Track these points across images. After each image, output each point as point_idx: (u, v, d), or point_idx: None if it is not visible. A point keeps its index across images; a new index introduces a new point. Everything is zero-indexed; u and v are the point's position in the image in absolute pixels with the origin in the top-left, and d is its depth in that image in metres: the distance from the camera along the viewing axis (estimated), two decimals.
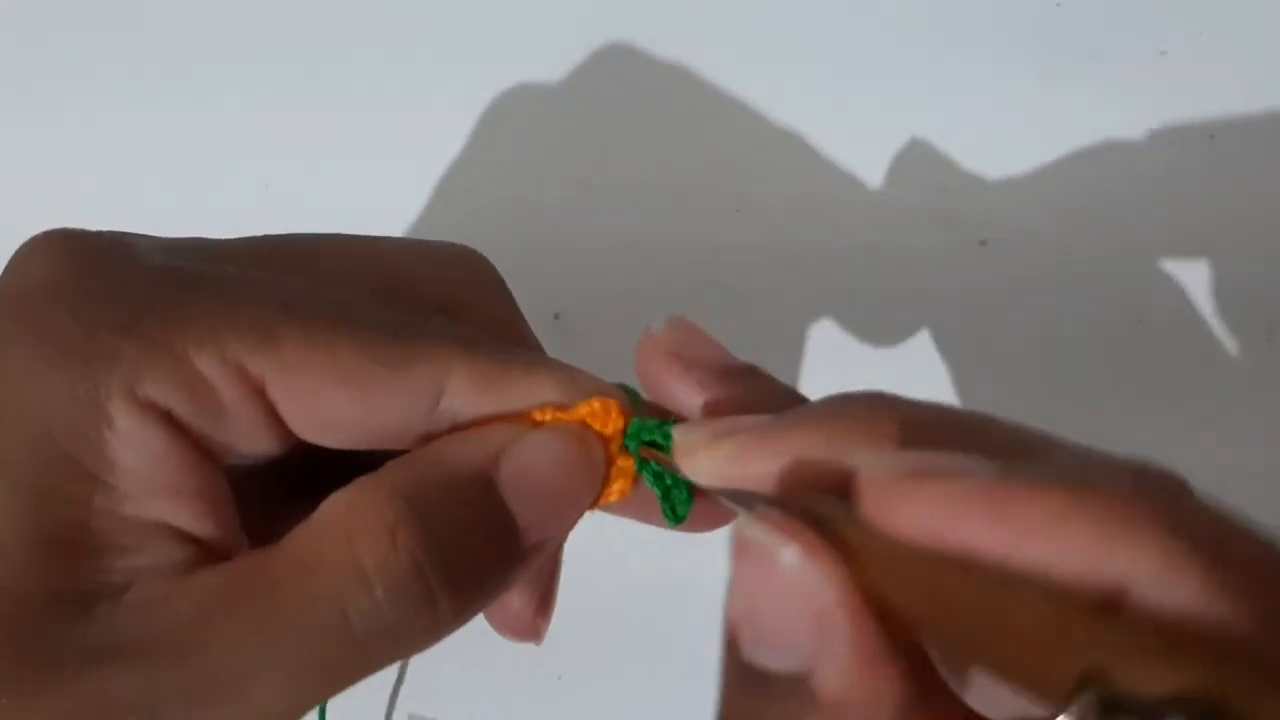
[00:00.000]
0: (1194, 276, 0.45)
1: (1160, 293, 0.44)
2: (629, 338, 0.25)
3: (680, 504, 0.24)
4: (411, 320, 0.23)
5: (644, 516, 0.25)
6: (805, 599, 0.18)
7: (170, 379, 0.21)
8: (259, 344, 0.21)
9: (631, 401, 0.25)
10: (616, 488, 0.25)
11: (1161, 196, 0.46)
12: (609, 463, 0.24)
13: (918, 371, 0.44)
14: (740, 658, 0.19)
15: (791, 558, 0.18)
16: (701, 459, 0.22)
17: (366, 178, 0.46)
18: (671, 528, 0.25)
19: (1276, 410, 0.43)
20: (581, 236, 0.46)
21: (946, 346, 0.44)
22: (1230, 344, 0.44)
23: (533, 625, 0.28)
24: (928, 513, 0.18)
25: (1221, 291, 0.44)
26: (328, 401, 0.22)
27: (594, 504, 0.25)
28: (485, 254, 0.28)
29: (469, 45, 0.48)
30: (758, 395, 0.24)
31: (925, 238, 0.45)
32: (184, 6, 0.49)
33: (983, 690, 0.17)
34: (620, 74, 0.48)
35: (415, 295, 0.25)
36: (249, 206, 0.44)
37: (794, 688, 0.18)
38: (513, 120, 0.47)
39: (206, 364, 0.21)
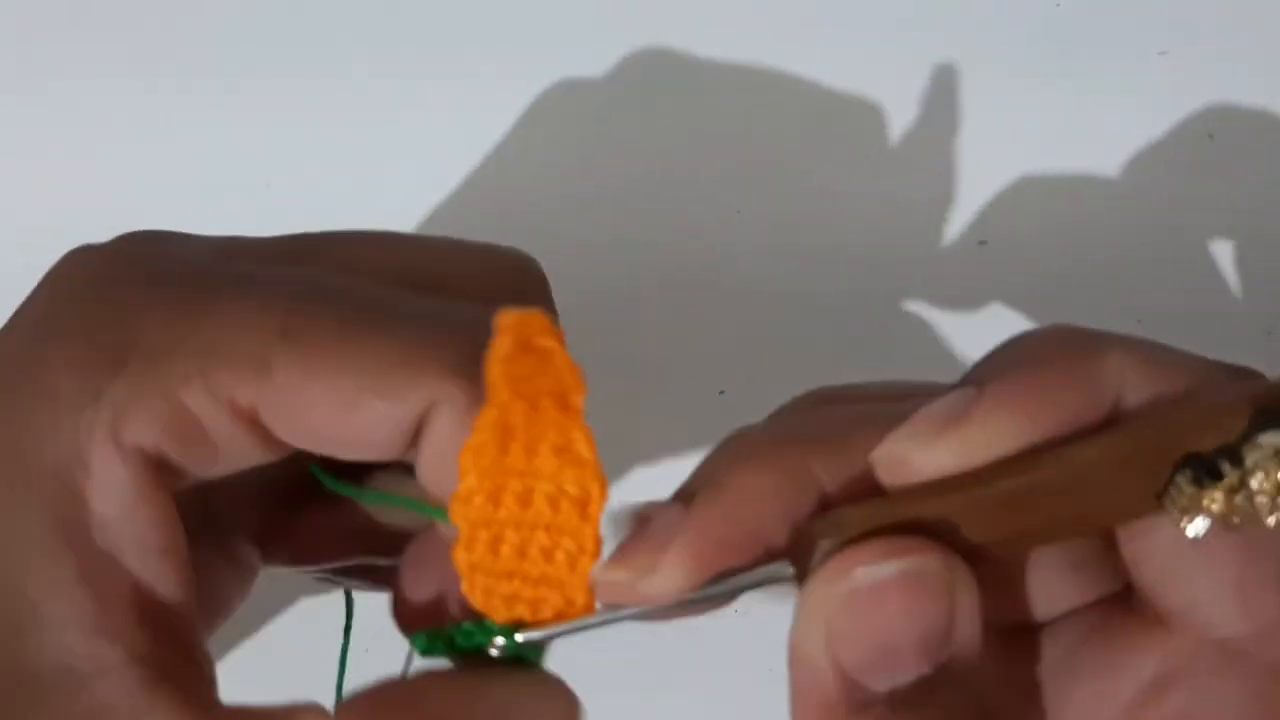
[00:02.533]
0: (1193, 276, 0.45)
1: (1160, 293, 0.44)
2: (629, 338, 0.25)
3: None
4: (428, 326, 0.22)
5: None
6: (936, 599, 0.19)
7: (158, 419, 0.20)
8: (252, 375, 0.20)
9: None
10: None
11: (1161, 196, 0.46)
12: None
13: (917, 372, 0.44)
14: (855, 695, 0.19)
15: (919, 566, 0.19)
16: (648, 589, 0.21)
17: (367, 178, 0.46)
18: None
19: None
20: (581, 236, 0.46)
21: (946, 346, 0.44)
22: (1229, 344, 0.44)
23: None
24: (962, 443, 0.19)
25: (1221, 291, 0.44)
26: (320, 423, 0.21)
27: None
28: None
29: (469, 46, 0.48)
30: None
31: (925, 238, 0.45)
32: (184, 6, 0.49)
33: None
34: (620, 74, 0.48)
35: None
36: (249, 206, 0.44)
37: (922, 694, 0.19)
38: (513, 120, 0.47)
39: (194, 399, 0.20)
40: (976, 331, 0.44)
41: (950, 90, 0.47)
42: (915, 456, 0.20)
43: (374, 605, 0.27)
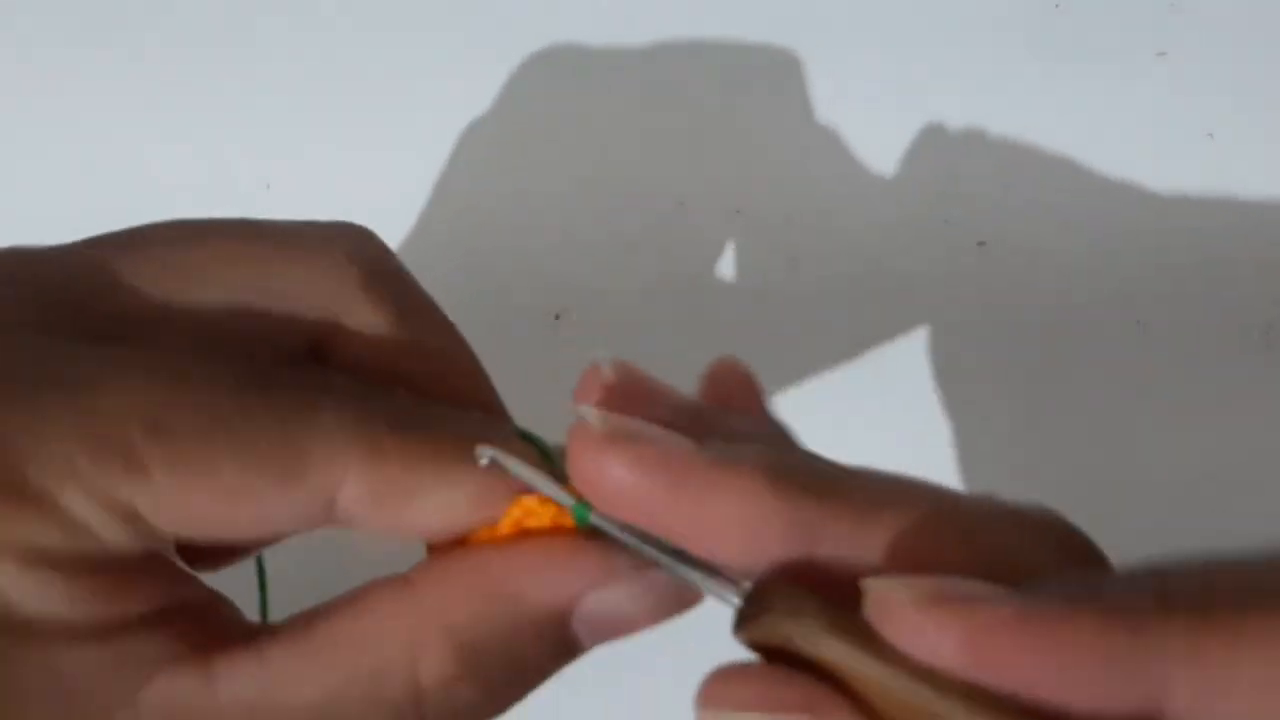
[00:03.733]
0: (1192, 276, 0.45)
1: (1159, 292, 0.44)
2: (629, 338, 0.25)
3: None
4: (310, 398, 0.20)
5: None
6: None
7: (40, 525, 0.18)
8: (125, 474, 0.18)
9: (541, 454, 0.21)
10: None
11: (1160, 196, 0.46)
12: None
13: (917, 372, 0.44)
14: None
15: None
16: (604, 457, 0.19)
17: (366, 178, 0.46)
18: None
19: (1274, 410, 0.43)
20: (581, 236, 0.46)
21: (946, 346, 0.44)
22: (1228, 344, 0.44)
23: None
24: (962, 640, 0.16)
25: (1220, 291, 0.44)
26: (212, 520, 0.19)
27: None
28: (486, 254, 0.27)
29: (469, 45, 0.48)
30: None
31: (925, 238, 0.45)
32: (184, 6, 0.49)
33: None
34: (620, 74, 0.48)
35: (286, 312, 0.23)
36: (249, 207, 0.44)
37: None
38: (513, 120, 0.47)
39: (71, 503, 0.18)
40: (976, 331, 0.44)
41: (950, 90, 0.47)
42: (911, 618, 0.17)
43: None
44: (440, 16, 0.48)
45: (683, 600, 0.21)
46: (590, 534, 0.21)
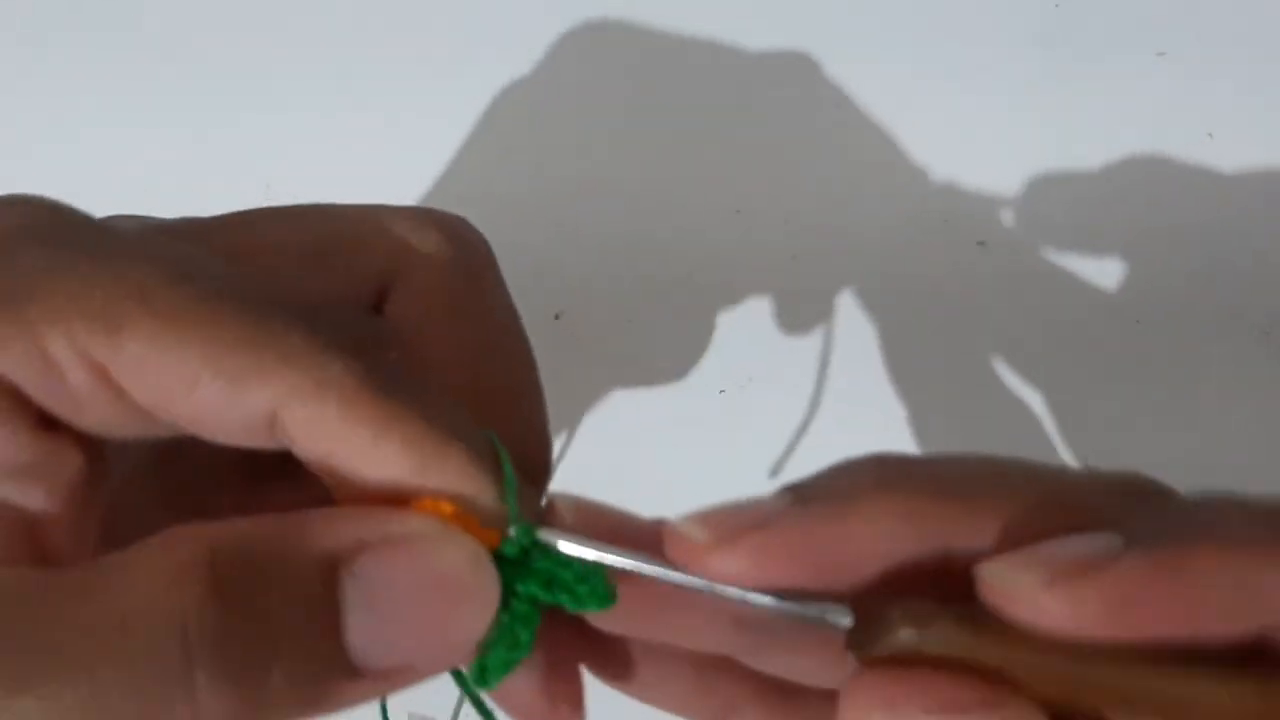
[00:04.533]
0: (1192, 276, 0.45)
1: (1158, 292, 0.44)
2: (629, 338, 0.25)
3: (597, 596, 0.20)
4: (290, 320, 0.21)
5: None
6: None
7: (18, 354, 0.20)
8: (104, 333, 0.20)
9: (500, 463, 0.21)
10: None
11: (1160, 196, 0.46)
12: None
13: (917, 372, 0.44)
14: None
15: None
16: (715, 559, 0.19)
17: (366, 177, 0.46)
18: (486, 680, 0.20)
19: (1274, 409, 0.43)
20: (581, 236, 0.46)
21: (946, 346, 0.44)
22: (1228, 343, 0.44)
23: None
24: (1092, 609, 0.16)
25: (1219, 291, 0.44)
26: (163, 396, 0.20)
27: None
28: None
29: (469, 44, 0.48)
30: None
31: (925, 238, 0.45)
32: (184, 7, 0.49)
33: None
34: (621, 73, 0.48)
35: (351, 262, 0.24)
36: (249, 207, 0.44)
37: None
38: (513, 120, 0.47)
39: (54, 344, 0.20)
40: (976, 331, 0.44)
41: (950, 90, 0.47)
42: (1043, 600, 0.17)
43: None
44: (440, 17, 0.48)
45: (470, 577, 0.20)
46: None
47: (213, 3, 0.49)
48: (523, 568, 0.20)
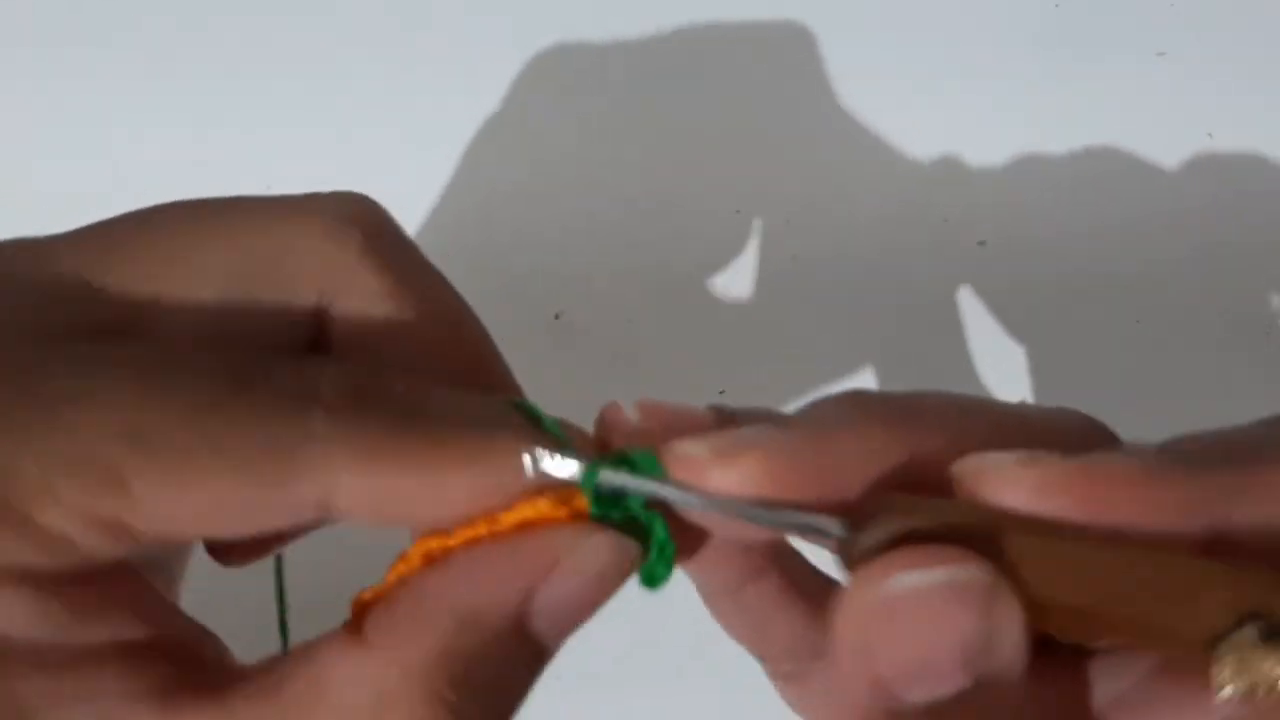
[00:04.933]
0: (1192, 276, 0.45)
1: (1158, 292, 0.44)
2: (629, 338, 0.25)
3: (665, 551, 0.21)
4: (302, 403, 0.19)
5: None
6: (978, 614, 0.18)
7: (17, 544, 0.18)
8: (104, 488, 0.18)
9: (540, 423, 0.21)
10: None
11: (1160, 195, 0.46)
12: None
13: (917, 372, 0.44)
14: (880, 698, 0.18)
15: (962, 576, 0.18)
16: (721, 474, 0.19)
17: (367, 179, 0.46)
18: (657, 586, 0.21)
19: (1274, 409, 0.43)
20: (581, 236, 0.46)
21: (946, 346, 0.44)
22: (1228, 343, 0.44)
23: None
24: (1057, 479, 0.19)
25: (1219, 291, 0.44)
26: (198, 529, 0.19)
27: None
28: (486, 254, 0.26)
29: (469, 45, 0.48)
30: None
31: (925, 238, 0.45)
32: (184, 8, 0.49)
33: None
34: (621, 74, 0.48)
35: (285, 289, 0.22)
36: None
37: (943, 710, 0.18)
38: (513, 121, 0.47)
39: (50, 519, 0.18)
40: (977, 331, 0.44)
41: (951, 90, 0.47)
42: (1017, 480, 0.19)
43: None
44: (441, 17, 0.48)
45: (626, 561, 0.21)
46: (600, 520, 0.20)
47: (213, 3, 0.49)
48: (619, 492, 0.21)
